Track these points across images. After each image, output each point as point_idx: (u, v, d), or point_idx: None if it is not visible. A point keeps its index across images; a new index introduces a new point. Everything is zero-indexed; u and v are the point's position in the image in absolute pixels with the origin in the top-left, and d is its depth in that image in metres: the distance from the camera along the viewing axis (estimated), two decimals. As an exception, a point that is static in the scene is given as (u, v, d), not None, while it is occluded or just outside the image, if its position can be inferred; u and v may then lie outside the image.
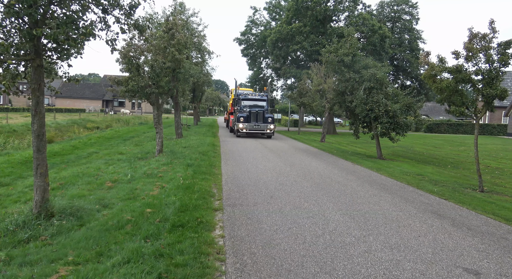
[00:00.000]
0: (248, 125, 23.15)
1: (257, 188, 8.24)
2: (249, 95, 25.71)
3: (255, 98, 25.33)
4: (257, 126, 23.21)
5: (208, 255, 4.31)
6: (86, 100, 67.75)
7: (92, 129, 32.24)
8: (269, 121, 23.47)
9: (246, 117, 23.32)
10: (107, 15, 5.33)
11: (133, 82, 12.05)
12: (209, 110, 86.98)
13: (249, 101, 25.04)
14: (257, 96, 25.61)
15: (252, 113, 23.24)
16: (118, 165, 12.08)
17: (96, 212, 6.30)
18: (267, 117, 23.69)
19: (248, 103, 24.82)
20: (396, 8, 48.21)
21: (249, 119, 23.32)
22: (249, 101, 25.04)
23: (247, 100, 25.06)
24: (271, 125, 23.40)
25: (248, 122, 23.27)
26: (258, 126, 23.22)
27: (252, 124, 23.15)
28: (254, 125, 23.17)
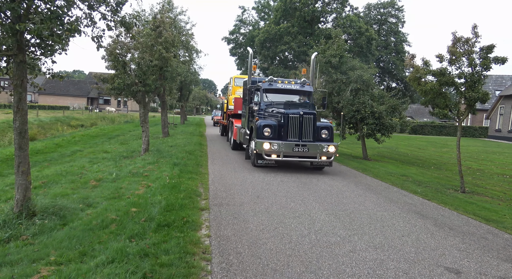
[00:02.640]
0: (284, 145, 10.54)
1: (243, 188, 8.24)
2: (280, 84, 12.75)
3: (291, 89, 12.66)
4: (302, 149, 10.58)
5: (194, 254, 4.29)
6: (70, 98, 66.49)
7: (77, 127, 31.67)
8: (324, 136, 11.12)
9: (278, 128, 10.90)
10: (93, 11, 5.25)
11: (119, 79, 11.89)
12: (196, 109, 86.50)
13: (279, 94, 12.62)
14: (294, 86, 12.74)
15: (292, 120, 10.71)
16: (103, 163, 11.91)
17: (80, 211, 6.20)
18: (320, 127, 11.15)
19: (277, 98, 12.52)
20: (382, 11, 48.90)
21: (285, 132, 10.79)
22: (279, 94, 12.62)
23: (276, 93, 12.61)
24: (328, 145, 10.70)
25: (284, 138, 10.78)
26: (305, 149, 10.59)
27: (292, 143, 10.58)
28: (296, 146, 10.58)
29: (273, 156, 10.47)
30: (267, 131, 10.64)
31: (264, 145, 10.35)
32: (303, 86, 12.60)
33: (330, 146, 10.56)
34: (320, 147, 10.49)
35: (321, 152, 10.49)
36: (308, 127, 10.55)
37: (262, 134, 10.61)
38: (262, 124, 10.72)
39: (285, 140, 10.52)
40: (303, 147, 10.41)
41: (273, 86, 12.42)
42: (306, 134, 10.55)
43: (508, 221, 6.54)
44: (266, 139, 10.57)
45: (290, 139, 10.53)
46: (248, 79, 13.24)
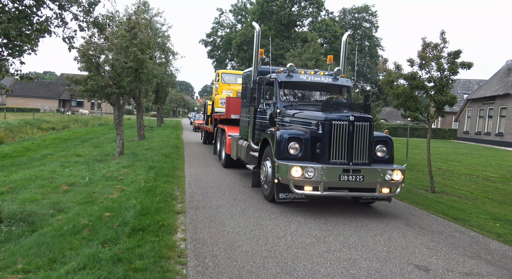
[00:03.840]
0: (327, 170, 6.27)
1: (220, 190, 8.22)
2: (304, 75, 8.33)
3: (320, 83, 8.49)
4: (354, 176, 6.36)
5: (169, 258, 4.24)
6: (40, 100, 64.23)
7: (47, 130, 30.63)
8: (380, 155, 6.91)
9: (311, 143, 6.71)
10: (64, 12, 5.11)
11: (92, 81, 11.60)
12: (173, 111, 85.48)
13: (301, 90, 8.87)
14: (324, 78, 8.42)
15: (337, 130, 6.41)
16: (75, 167, 11.58)
17: (50, 217, 6.01)
18: (375, 140, 6.88)
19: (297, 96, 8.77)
20: (357, 16, 50.09)
21: (324, 149, 6.48)
22: (301, 90, 8.87)
23: (297, 88, 8.80)
24: (392, 170, 6.55)
25: (322, 159, 6.46)
26: (358, 177, 6.36)
27: (338, 167, 6.33)
28: (346, 172, 6.33)
29: (307, 189, 6.27)
30: (294, 148, 6.54)
31: (293, 171, 6.16)
32: (336, 79, 8.35)
33: (396, 172, 6.48)
34: (381, 174, 6.38)
35: (383, 181, 6.39)
36: (362, 142, 6.34)
37: (287, 152, 6.51)
38: (287, 136, 6.58)
39: (326, 162, 6.30)
40: (356, 174, 6.25)
41: (293, 78, 8.07)
42: (359, 153, 6.35)
43: (474, 219, 6.83)
44: (294, 160, 6.46)
45: (335, 160, 6.30)
46: (253, 69, 8.67)
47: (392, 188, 6.62)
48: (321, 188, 6.26)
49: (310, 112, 7.23)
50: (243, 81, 10.32)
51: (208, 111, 18.01)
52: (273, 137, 6.86)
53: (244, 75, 10.34)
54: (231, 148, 10.85)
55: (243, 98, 10.18)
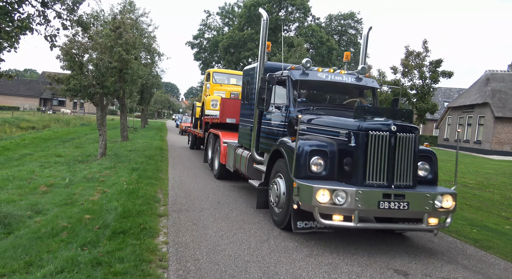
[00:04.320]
0: (362, 195, 4.77)
1: (204, 193, 8.17)
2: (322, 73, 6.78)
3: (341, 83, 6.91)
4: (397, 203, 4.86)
5: (150, 262, 4.19)
6: (21, 98, 62.52)
7: (27, 129, 29.85)
8: (422, 174, 5.56)
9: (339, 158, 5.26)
10: (47, 9, 5.01)
11: (75, 80, 11.38)
12: (158, 113, 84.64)
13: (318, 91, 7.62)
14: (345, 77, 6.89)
15: (374, 142, 4.95)
16: (55, 168, 11.32)
17: (28, 218, 5.84)
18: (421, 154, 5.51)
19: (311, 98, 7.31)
20: (343, 22, 50.83)
21: (356, 166, 5.03)
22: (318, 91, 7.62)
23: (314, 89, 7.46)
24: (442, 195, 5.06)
25: (355, 179, 5.00)
26: (402, 203, 4.87)
27: (377, 191, 4.85)
28: (386, 198, 4.83)
29: (336, 218, 4.90)
30: (317, 164, 5.20)
31: (319, 196, 4.79)
32: (359, 79, 6.94)
33: (446, 197, 5.11)
34: (429, 200, 5.00)
35: (432, 209, 5.01)
36: (405, 158, 5.02)
37: (308, 169, 5.18)
38: (308, 148, 5.22)
39: (359, 183, 4.94)
40: (399, 199, 4.88)
41: (310, 76, 6.60)
42: (402, 172, 5.02)
43: (452, 225, 6.99)
44: (316, 179, 5.13)
45: (371, 181, 4.95)
46: (259, 65, 7.28)
47: (440, 218, 5.21)
48: (354, 218, 4.75)
49: (337, 119, 5.71)
50: (244, 80, 8.62)
51: (196, 114, 16.55)
52: (289, 149, 5.45)
53: (246, 72, 8.58)
54: (226, 158, 9.28)
55: (244, 99, 8.62)
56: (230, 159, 8.98)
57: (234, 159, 8.59)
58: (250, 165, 7.59)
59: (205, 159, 12.23)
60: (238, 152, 8.41)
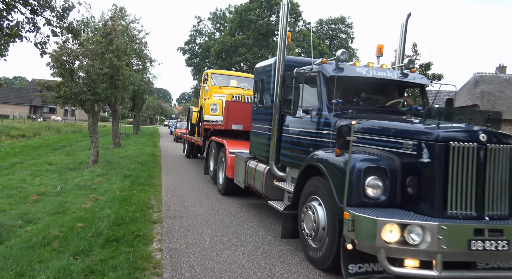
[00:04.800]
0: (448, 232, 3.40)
1: (198, 199, 8.13)
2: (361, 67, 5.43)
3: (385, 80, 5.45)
4: (493, 242, 3.47)
5: (144, 270, 4.14)
6: (10, 106, 61.77)
7: (17, 137, 29.48)
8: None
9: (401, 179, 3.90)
10: (37, 16, 4.98)
11: (65, 87, 11.29)
12: (150, 119, 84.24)
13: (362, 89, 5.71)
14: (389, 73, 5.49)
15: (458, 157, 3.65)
16: (46, 176, 11.19)
17: (18, 228, 5.76)
18: None
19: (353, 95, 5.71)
20: (333, 27, 51.30)
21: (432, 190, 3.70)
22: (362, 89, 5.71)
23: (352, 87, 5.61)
24: None
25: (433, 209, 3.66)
26: (501, 242, 3.47)
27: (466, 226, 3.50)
28: (479, 234, 3.46)
29: (409, 264, 3.61)
30: (375, 186, 3.92)
31: (385, 232, 3.49)
32: (405, 75, 5.68)
33: None
34: None
35: None
36: (499, 178, 3.77)
37: (363, 194, 3.89)
38: (361, 165, 3.95)
39: (438, 214, 3.67)
40: (496, 236, 3.54)
41: (346, 71, 5.32)
42: (495, 198, 3.75)
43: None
44: (373, 206, 3.86)
45: (455, 211, 3.69)
46: (278, 59, 6.06)
47: None
48: (437, 265, 3.41)
49: (400, 125, 4.36)
50: (256, 79, 7.36)
51: (193, 119, 14.88)
52: (333, 167, 4.15)
53: (259, 70, 7.24)
54: (234, 171, 8.02)
55: (257, 102, 7.27)
56: (240, 173, 7.63)
57: (246, 174, 7.21)
58: (268, 182, 6.24)
59: (206, 170, 10.54)
60: (251, 165, 7.01)
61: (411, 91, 7.55)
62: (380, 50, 6.28)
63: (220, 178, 8.98)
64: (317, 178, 4.60)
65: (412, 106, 5.67)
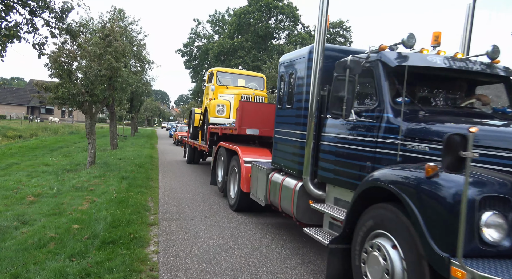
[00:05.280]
0: None
1: (195, 201, 8.11)
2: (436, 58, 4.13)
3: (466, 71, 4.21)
4: None
5: (141, 272, 4.12)
6: (7, 106, 61.56)
7: (14, 137, 29.34)
8: None
9: None
10: (35, 17, 4.97)
11: (63, 89, 11.25)
12: (148, 120, 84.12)
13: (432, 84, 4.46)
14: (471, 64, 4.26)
15: None
16: (43, 177, 11.12)
17: (14, 229, 5.71)
18: None
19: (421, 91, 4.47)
20: (332, 30, 51.46)
21: None
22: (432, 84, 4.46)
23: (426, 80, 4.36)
24: None
25: None
26: None
27: None
28: None
29: None
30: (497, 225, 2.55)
31: None
32: (488, 67, 4.33)
33: None
34: None
35: None
36: None
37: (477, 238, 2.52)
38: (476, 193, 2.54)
39: None
40: None
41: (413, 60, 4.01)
42: None
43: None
44: (494, 256, 2.53)
45: None
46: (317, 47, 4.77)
47: None
48: None
49: None
50: (282, 74, 6.00)
51: (195, 122, 13.70)
52: (422, 193, 2.86)
53: (286, 62, 5.93)
54: (251, 184, 6.81)
55: (283, 101, 5.91)
56: (259, 187, 6.39)
57: (268, 189, 5.98)
58: (302, 202, 4.95)
59: (213, 180, 9.29)
60: (275, 179, 5.75)
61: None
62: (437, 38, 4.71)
63: (232, 191, 7.72)
64: (385, 206, 3.24)
65: (498, 108, 4.30)
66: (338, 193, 4.53)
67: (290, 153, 5.48)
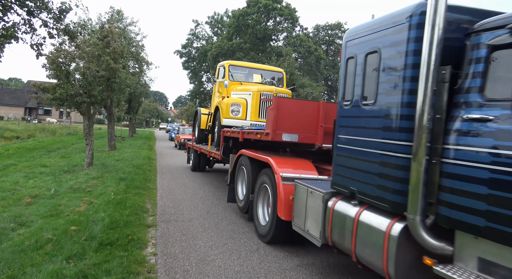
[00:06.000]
0: None
1: (193, 203, 8.09)
2: None
3: None
4: None
5: (138, 274, 4.10)
6: (5, 107, 61.33)
7: (11, 138, 29.22)
8: None
9: None
10: (33, 18, 4.95)
11: (61, 89, 11.22)
12: (146, 122, 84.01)
13: None
14: None
15: None
16: (40, 178, 11.08)
17: (11, 231, 5.68)
18: None
19: None
20: (330, 32, 51.59)
21: None
22: None
23: None
24: None
25: None
26: None
27: None
28: None
29: None
30: None
31: None
32: None
33: None
34: None
35: None
36: None
37: None
38: None
39: None
40: None
41: None
42: None
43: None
44: None
45: None
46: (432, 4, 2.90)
47: None
48: None
49: None
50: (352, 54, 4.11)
51: (201, 124, 11.95)
52: None
53: (361, 36, 3.98)
54: (296, 211, 4.90)
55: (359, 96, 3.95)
56: (310, 217, 4.50)
57: (328, 223, 4.10)
58: (406, 257, 3.15)
59: (231, 197, 7.38)
60: (342, 211, 3.91)
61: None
62: None
63: (261, 216, 5.94)
64: None
65: None
66: (490, 252, 2.60)
67: (374, 174, 3.51)
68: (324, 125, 5.75)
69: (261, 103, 8.95)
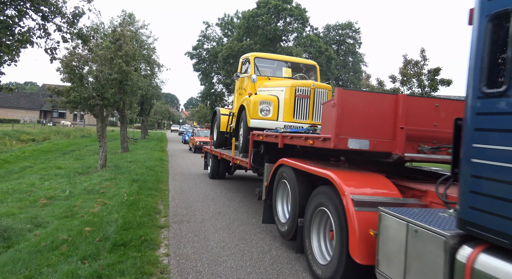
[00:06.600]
0: None
1: (205, 204, 8.12)
2: None
3: None
4: None
5: (152, 275, 4.13)
6: (21, 110, 62.69)
7: (27, 141, 29.84)
8: None
9: None
10: (47, 23, 5.05)
11: (75, 92, 11.43)
12: (157, 123, 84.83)
13: None
14: None
15: None
16: (55, 180, 11.28)
17: (28, 232, 5.80)
18: None
19: None
20: (341, 32, 51.28)
21: None
22: None
23: None
24: None
25: None
26: None
27: None
28: None
29: None
30: None
31: None
32: None
33: None
34: None
35: None
36: None
37: None
38: None
39: None
40: None
41: None
42: None
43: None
44: None
45: None
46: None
47: None
48: None
49: None
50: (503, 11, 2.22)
51: (221, 126, 10.63)
52: None
53: None
54: (382, 253, 3.15)
55: None
56: (416, 270, 2.74)
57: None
58: None
59: (268, 217, 5.99)
60: (494, 273, 2.12)
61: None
62: None
63: (317, 250, 4.39)
64: None
65: None
66: None
67: None
68: (406, 127, 4.06)
69: (296, 101, 7.45)
